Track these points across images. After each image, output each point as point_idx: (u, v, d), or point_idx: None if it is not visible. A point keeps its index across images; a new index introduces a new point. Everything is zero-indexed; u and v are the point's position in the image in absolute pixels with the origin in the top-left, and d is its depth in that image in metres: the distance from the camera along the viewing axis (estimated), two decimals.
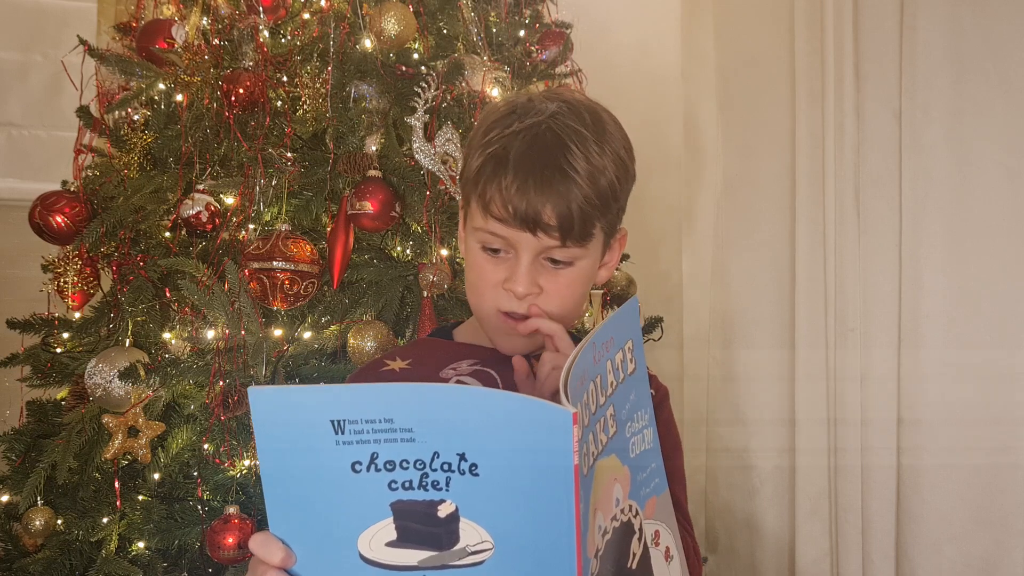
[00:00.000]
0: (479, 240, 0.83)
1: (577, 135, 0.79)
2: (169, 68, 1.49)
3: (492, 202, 0.79)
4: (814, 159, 1.89)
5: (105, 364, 1.34)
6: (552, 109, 0.81)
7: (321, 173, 1.42)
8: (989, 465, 1.69)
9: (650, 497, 0.71)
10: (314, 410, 0.54)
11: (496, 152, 0.80)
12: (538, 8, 1.83)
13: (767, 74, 2.06)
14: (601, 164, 0.79)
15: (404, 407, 0.54)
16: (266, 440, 0.56)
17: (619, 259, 0.92)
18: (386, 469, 0.56)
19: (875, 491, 1.78)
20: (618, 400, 0.66)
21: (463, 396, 0.55)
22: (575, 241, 0.80)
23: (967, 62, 1.71)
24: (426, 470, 0.55)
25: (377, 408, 0.54)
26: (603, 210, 0.80)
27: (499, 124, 0.82)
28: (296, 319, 1.40)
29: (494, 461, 0.55)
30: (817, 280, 1.88)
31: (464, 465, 0.55)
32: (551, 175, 0.77)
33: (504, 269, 0.82)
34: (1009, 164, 1.69)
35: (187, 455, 1.36)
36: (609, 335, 0.65)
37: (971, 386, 1.71)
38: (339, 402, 0.54)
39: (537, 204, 0.77)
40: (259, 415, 0.55)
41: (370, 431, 0.55)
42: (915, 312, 1.75)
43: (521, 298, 0.81)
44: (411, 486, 0.56)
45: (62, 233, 1.46)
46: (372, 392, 0.56)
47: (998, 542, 1.69)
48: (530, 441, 0.54)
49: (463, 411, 0.54)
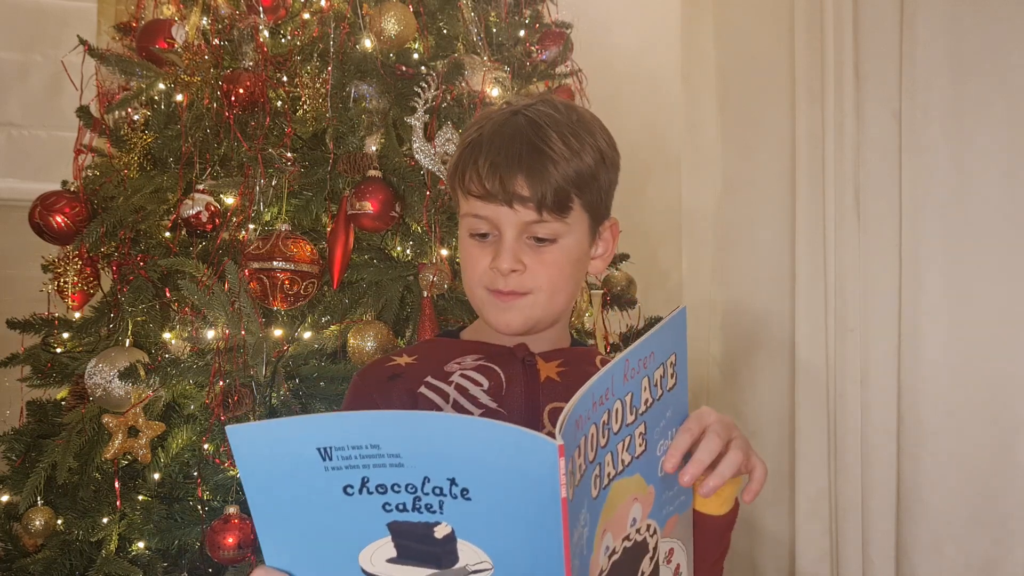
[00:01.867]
0: (467, 227, 0.85)
1: (551, 119, 0.83)
2: (169, 68, 1.49)
3: (471, 182, 0.82)
4: (814, 159, 1.89)
5: (105, 364, 1.34)
6: (529, 103, 0.85)
7: (321, 173, 1.42)
8: (989, 465, 1.69)
9: (672, 515, 0.70)
10: (298, 440, 0.54)
11: (472, 139, 0.84)
12: (538, 8, 1.83)
13: (767, 74, 2.06)
14: (576, 146, 0.82)
15: (389, 433, 0.53)
16: (252, 475, 0.55)
17: (613, 251, 0.93)
18: (378, 492, 0.55)
19: (875, 491, 1.78)
20: (651, 418, 0.65)
21: (448, 423, 0.54)
22: (551, 212, 0.81)
23: (967, 62, 1.71)
24: (418, 493, 0.55)
25: (362, 435, 0.53)
26: (578, 184, 0.82)
27: (478, 121, 0.86)
28: (296, 319, 1.40)
29: (484, 487, 0.54)
30: (817, 280, 1.88)
31: (455, 489, 0.54)
32: (521, 148, 0.81)
33: (490, 252, 0.84)
34: (1009, 164, 1.68)
35: (187, 455, 1.36)
36: (649, 350, 0.63)
37: (971, 386, 1.71)
38: (323, 430, 0.54)
39: (509, 176, 0.80)
40: (241, 451, 0.54)
41: (357, 457, 0.54)
42: (915, 312, 1.75)
43: (505, 274, 0.83)
44: (405, 508, 0.55)
45: (62, 233, 1.46)
46: (355, 419, 0.54)
47: (998, 542, 1.69)
48: (517, 470, 0.53)
49: (449, 438, 0.53)
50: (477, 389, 0.85)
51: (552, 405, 0.86)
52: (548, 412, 0.85)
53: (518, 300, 0.84)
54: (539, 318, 0.86)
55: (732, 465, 0.68)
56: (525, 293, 0.84)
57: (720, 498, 0.72)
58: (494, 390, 0.85)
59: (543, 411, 0.85)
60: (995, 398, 1.69)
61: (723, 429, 0.69)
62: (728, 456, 0.68)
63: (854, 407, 1.80)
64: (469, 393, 0.85)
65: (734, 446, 0.69)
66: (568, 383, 0.88)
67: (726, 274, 2.20)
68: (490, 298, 0.85)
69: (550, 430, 0.71)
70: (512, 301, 0.84)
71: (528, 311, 0.85)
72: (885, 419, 1.78)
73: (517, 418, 0.84)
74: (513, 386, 0.86)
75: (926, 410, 1.74)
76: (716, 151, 2.23)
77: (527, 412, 0.85)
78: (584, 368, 0.90)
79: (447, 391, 0.85)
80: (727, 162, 2.20)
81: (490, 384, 0.85)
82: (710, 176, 2.25)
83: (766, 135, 2.06)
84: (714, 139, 2.24)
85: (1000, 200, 1.69)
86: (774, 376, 2.03)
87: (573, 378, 0.88)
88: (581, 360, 0.92)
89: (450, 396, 0.85)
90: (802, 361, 1.90)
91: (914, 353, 1.75)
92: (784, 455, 1.99)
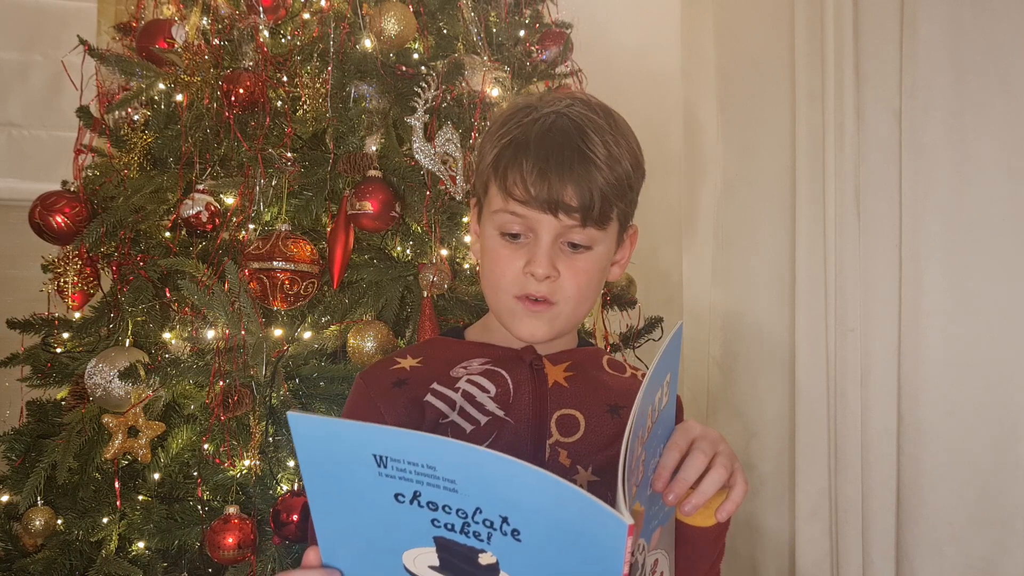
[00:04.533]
0: (498, 225, 0.84)
1: (593, 124, 0.81)
2: (169, 68, 1.49)
3: (514, 185, 0.80)
4: (814, 159, 1.88)
5: (105, 364, 1.34)
6: (567, 102, 0.84)
7: (321, 173, 1.42)
8: (989, 465, 1.69)
9: (657, 528, 0.70)
10: (356, 442, 0.54)
11: (516, 137, 0.82)
12: (538, 8, 1.82)
13: (767, 74, 2.06)
14: (618, 152, 0.81)
15: (449, 460, 0.53)
16: (308, 463, 0.56)
17: (630, 257, 0.93)
18: (429, 508, 0.55)
19: (875, 491, 1.78)
20: (650, 443, 0.65)
21: (514, 470, 0.52)
22: (595, 223, 0.81)
23: (967, 62, 1.71)
24: (468, 520, 0.54)
25: (420, 454, 0.53)
26: (620, 195, 0.82)
27: (515, 117, 0.84)
28: (296, 319, 1.40)
29: (539, 536, 0.53)
30: (817, 280, 1.88)
31: (506, 528, 0.54)
32: (571, 156, 0.79)
33: (523, 255, 0.83)
34: (1009, 164, 1.68)
35: (187, 455, 1.36)
36: (664, 376, 0.63)
37: (971, 386, 1.71)
38: (382, 440, 0.53)
39: (558, 186, 0.79)
40: (300, 439, 0.55)
41: (412, 472, 0.53)
42: (915, 312, 1.75)
43: (541, 280, 0.82)
44: (453, 529, 0.55)
45: (62, 233, 1.46)
46: (416, 438, 0.53)
47: (998, 542, 1.69)
48: (580, 534, 0.52)
49: (510, 482, 0.52)
50: (484, 396, 0.84)
51: (560, 412, 0.85)
52: (556, 419, 0.84)
53: (547, 310, 0.84)
54: (563, 328, 0.86)
55: (715, 483, 0.69)
56: (554, 303, 0.83)
57: (709, 510, 0.72)
58: (501, 397, 0.84)
59: (551, 418, 0.84)
60: (995, 398, 1.69)
61: (708, 444, 0.70)
62: (711, 475, 0.69)
63: (854, 407, 1.80)
64: (476, 400, 0.84)
65: (718, 463, 0.69)
66: (576, 388, 0.87)
67: (726, 274, 2.20)
68: (519, 306, 0.84)
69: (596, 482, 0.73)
70: (541, 311, 0.84)
71: (554, 321, 0.84)
72: (885, 419, 1.77)
73: (524, 426, 0.83)
74: (521, 392, 0.85)
75: (926, 410, 1.74)
76: (716, 151, 2.23)
77: (535, 419, 0.84)
78: (592, 373, 0.90)
79: (454, 398, 0.84)
80: (727, 162, 2.20)
81: (497, 391, 0.85)
82: (710, 176, 2.25)
83: (766, 135, 2.06)
84: (714, 139, 2.24)
85: (1001, 200, 1.69)
86: (774, 376, 2.03)
87: (581, 383, 0.88)
88: (589, 362, 0.91)
89: (456, 403, 0.84)
90: (802, 361, 1.90)
91: (914, 353, 1.75)
92: (784, 455, 1.99)
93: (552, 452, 0.83)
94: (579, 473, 0.83)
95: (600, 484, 0.83)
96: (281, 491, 1.31)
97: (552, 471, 0.81)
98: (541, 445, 0.83)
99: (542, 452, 0.83)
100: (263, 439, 1.29)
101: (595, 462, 0.84)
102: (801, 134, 1.91)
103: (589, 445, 0.84)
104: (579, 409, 0.86)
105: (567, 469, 0.82)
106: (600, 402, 0.87)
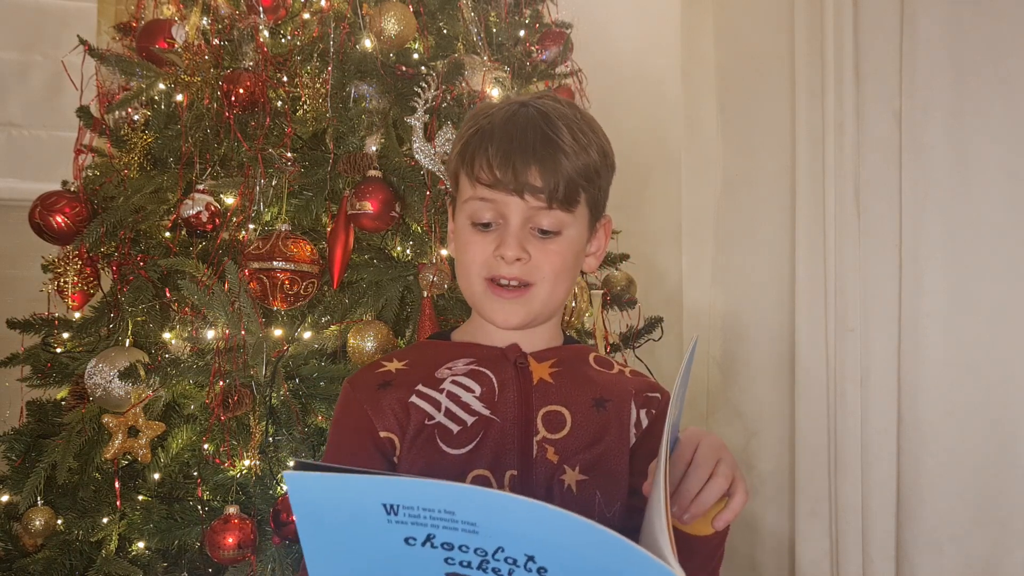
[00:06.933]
0: (469, 214, 0.85)
1: (558, 112, 0.83)
2: (169, 68, 1.49)
3: (480, 169, 0.82)
4: (814, 159, 1.89)
5: (105, 364, 1.34)
6: (535, 96, 0.86)
7: (321, 173, 1.42)
8: (989, 465, 1.69)
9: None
10: (364, 494, 0.51)
11: (482, 127, 0.84)
12: (538, 8, 1.83)
13: (767, 74, 2.06)
14: (585, 141, 0.83)
15: (469, 505, 0.50)
16: (306, 516, 0.53)
17: (606, 249, 0.93)
18: (443, 548, 0.53)
19: (875, 491, 1.78)
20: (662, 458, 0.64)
21: (551, 517, 0.49)
22: (561, 204, 0.82)
23: (967, 62, 1.71)
24: (487, 557, 0.53)
25: (438, 501, 0.51)
26: (587, 179, 0.83)
27: (483, 111, 0.86)
28: (296, 319, 1.40)
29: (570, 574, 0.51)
30: (817, 280, 1.88)
31: (532, 565, 0.52)
32: (535, 139, 0.81)
33: (493, 240, 0.83)
34: (1009, 164, 1.68)
35: (187, 455, 1.36)
36: (684, 394, 0.63)
37: (971, 386, 1.71)
38: (394, 491, 0.51)
39: (523, 168, 0.80)
40: (299, 497, 0.52)
41: (427, 517, 0.51)
42: (915, 312, 1.75)
43: (510, 262, 0.82)
44: (469, 566, 0.54)
45: (62, 233, 1.46)
46: (432, 487, 0.50)
47: (998, 542, 1.69)
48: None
49: (541, 526, 0.50)
50: (469, 396, 0.85)
51: (546, 409, 0.85)
52: (542, 416, 0.85)
53: (519, 295, 0.84)
54: (538, 312, 0.86)
55: (715, 494, 0.69)
56: (528, 284, 0.84)
57: (708, 518, 0.72)
58: (487, 396, 0.85)
59: (537, 415, 0.85)
60: (995, 398, 1.69)
61: (712, 453, 0.71)
62: (711, 485, 0.69)
63: (854, 407, 1.80)
64: (461, 400, 0.84)
65: (719, 472, 0.70)
66: (561, 384, 0.87)
67: (726, 274, 2.20)
68: (489, 292, 0.85)
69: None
70: (513, 296, 0.84)
71: (528, 305, 0.85)
72: (885, 419, 1.78)
73: (511, 424, 0.84)
74: (506, 391, 0.85)
75: (926, 410, 1.74)
76: (716, 151, 2.23)
77: (520, 417, 0.84)
78: (577, 368, 0.90)
79: (439, 399, 0.84)
80: (727, 162, 2.20)
81: (482, 390, 0.85)
82: (710, 176, 2.25)
83: (766, 135, 2.06)
84: (714, 139, 2.24)
85: (1000, 200, 1.69)
86: (774, 376, 2.03)
87: (566, 379, 0.88)
88: (574, 359, 0.91)
89: (442, 404, 0.84)
90: (802, 361, 1.90)
91: (914, 353, 1.75)
92: (784, 455, 1.99)
93: (539, 449, 0.83)
94: (567, 473, 0.83)
95: (588, 483, 0.83)
96: (281, 491, 1.31)
97: (540, 468, 0.82)
98: (528, 442, 0.83)
99: (529, 449, 0.83)
100: (263, 439, 1.29)
101: (582, 460, 0.84)
102: (801, 134, 1.91)
103: (576, 441, 0.84)
104: (565, 405, 0.86)
105: (555, 466, 0.83)
106: (585, 397, 0.87)
